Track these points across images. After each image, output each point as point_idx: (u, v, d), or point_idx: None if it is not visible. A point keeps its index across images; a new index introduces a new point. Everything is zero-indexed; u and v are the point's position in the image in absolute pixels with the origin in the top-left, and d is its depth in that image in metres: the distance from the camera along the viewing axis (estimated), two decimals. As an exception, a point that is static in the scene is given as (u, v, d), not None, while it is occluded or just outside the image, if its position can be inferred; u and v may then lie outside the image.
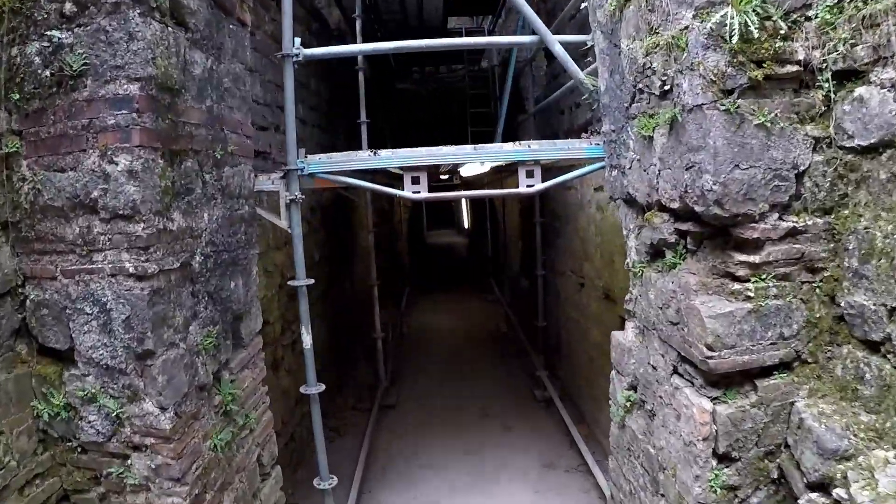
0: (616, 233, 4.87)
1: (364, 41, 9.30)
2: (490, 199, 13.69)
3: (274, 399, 5.45)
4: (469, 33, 10.46)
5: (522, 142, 3.35)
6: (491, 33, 10.48)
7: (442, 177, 11.15)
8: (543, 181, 3.46)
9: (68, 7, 2.10)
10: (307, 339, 3.41)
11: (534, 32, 3.50)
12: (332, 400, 7.61)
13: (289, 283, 3.42)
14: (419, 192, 3.34)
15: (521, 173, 3.39)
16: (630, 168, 2.64)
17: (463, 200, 29.86)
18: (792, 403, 2.02)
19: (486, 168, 4.78)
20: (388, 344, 9.15)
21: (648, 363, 2.69)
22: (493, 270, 13.85)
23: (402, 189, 3.36)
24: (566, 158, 3.42)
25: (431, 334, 10.70)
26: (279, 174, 3.34)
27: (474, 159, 3.33)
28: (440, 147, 3.31)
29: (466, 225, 29.77)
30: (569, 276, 6.76)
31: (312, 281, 3.43)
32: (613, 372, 3.26)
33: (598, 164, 3.39)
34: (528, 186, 3.42)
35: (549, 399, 7.05)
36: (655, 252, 2.53)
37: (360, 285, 10.79)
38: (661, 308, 2.44)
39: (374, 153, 3.29)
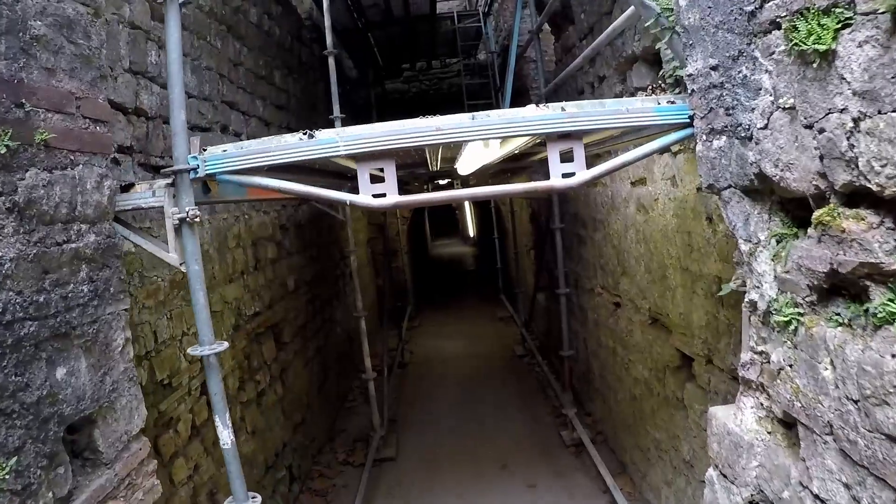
0: (669, 240, 3.63)
1: (340, 32, 8.18)
2: (495, 203, 12.48)
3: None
4: (462, 18, 9.30)
5: (552, 104, 2.12)
6: (486, 16, 9.31)
7: (440, 181, 9.96)
8: (588, 167, 2.21)
9: None
10: (224, 436, 2.17)
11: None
12: (320, 453, 6.38)
13: (189, 351, 2.18)
14: (383, 197, 2.10)
15: (553, 156, 2.15)
16: (766, 128, 1.41)
17: (467, 206, 28.69)
18: None
19: (492, 156, 3.54)
20: (387, 379, 7.92)
21: (804, 486, 1.46)
22: (504, 284, 12.60)
23: (359, 191, 2.13)
24: (622, 126, 2.18)
25: (437, 363, 9.45)
26: (164, 181, 2.12)
27: (473, 136, 2.10)
28: (414, 120, 2.08)
29: (472, 233, 28.55)
30: (599, 293, 5.52)
31: (225, 346, 2.19)
32: (713, 472, 2.02)
33: (678, 134, 2.16)
34: (565, 176, 2.17)
35: (580, 442, 5.80)
36: (836, 289, 1.30)
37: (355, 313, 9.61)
38: (859, 401, 1.21)
39: (309, 135, 2.07)
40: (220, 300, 4.27)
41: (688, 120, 2.11)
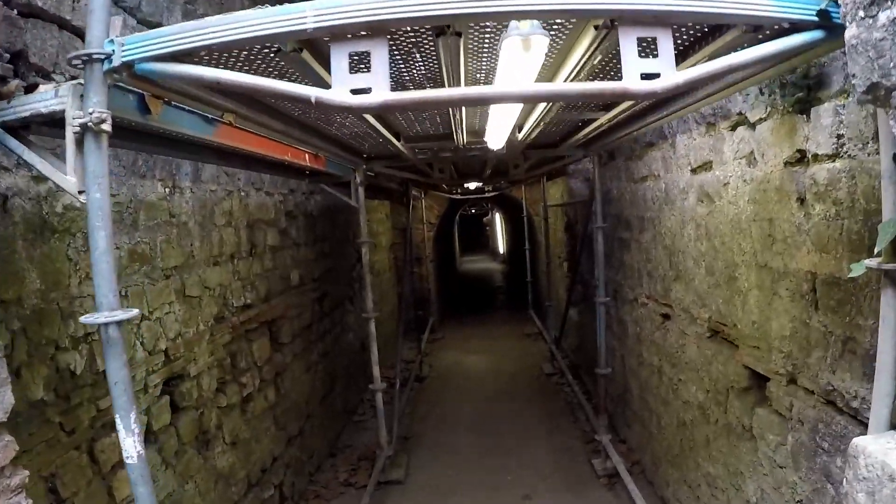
0: (742, 232, 2.94)
1: None
2: (528, 213, 11.80)
3: (205, 491, 3.65)
4: None
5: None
6: None
7: (469, 186, 9.35)
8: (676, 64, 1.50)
9: None
10: (128, 445, 1.55)
11: None
12: (319, 471, 5.74)
13: (82, 320, 1.57)
14: (366, 93, 1.41)
15: (628, 48, 1.45)
16: None
17: (497, 221, 27.99)
18: None
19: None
20: (400, 393, 7.26)
21: None
22: (534, 299, 11.86)
23: (332, 84, 1.48)
24: (723, 13, 1.49)
25: (458, 379, 8.75)
26: (74, 82, 1.55)
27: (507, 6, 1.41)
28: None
29: (502, 249, 27.85)
30: (644, 304, 4.80)
31: (134, 313, 1.58)
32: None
33: (805, 36, 1.48)
34: (645, 78, 1.47)
35: (614, 473, 5.04)
36: None
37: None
38: None
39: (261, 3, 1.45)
40: (199, 283, 3.71)
41: (815, 18, 1.45)
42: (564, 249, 9.24)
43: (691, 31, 1.89)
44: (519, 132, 3.68)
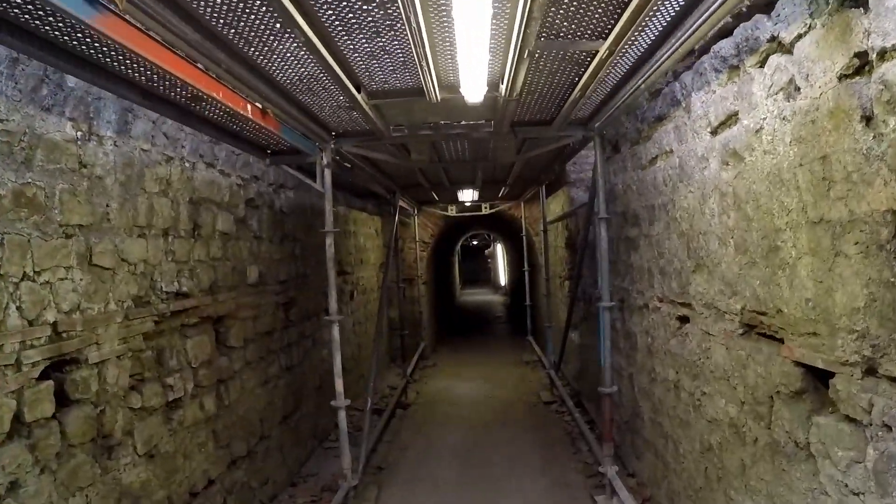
0: (784, 185, 2.33)
1: None
2: (528, 236, 11.15)
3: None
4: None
5: None
6: None
7: (463, 196, 8.74)
8: None
9: None
10: None
11: None
12: (274, 501, 4.94)
13: None
14: None
15: None
16: None
17: (499, 253, 27.36)
18: None
19: None
20: (375, 418, 6.47)
21: None
22: (533, 324, 11.09)
23: None
24: None
25: (446, 406, 7.94)
26: None
27: None
28: None
29: (503, 282, 27.14)
30: (656, 308, 4.08)
31: None
32: None
33: None
34: None
35: (621, 515, 4.23)
36: None
37: (356, 329, 8.26)
38: None
39: None
40: (114, 253, 3.05)
41: None
42: (565, 268, 8.55)
43: None
44: (502, 84, 3.05)
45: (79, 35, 2.19)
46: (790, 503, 2.34)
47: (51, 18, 2.05)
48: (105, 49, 2.34)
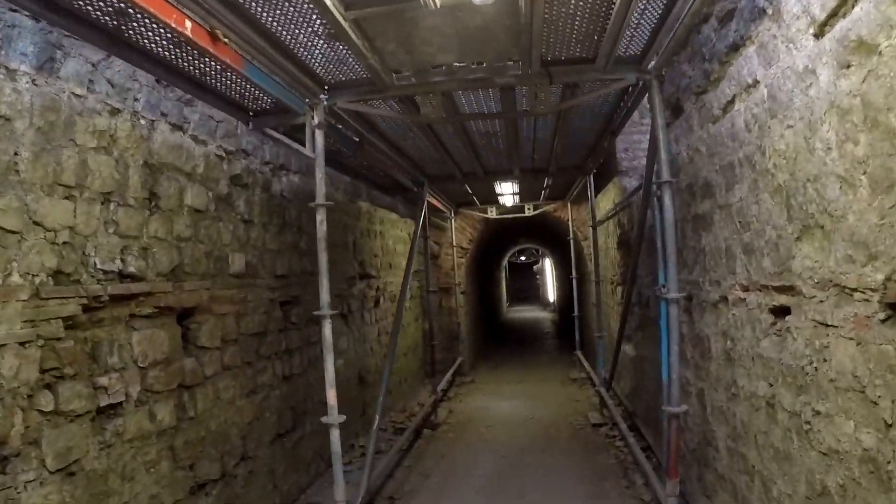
0: None
1: None
2: (576, 241, 10.15)
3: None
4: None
5: None
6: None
7: (501, 190, 7.91)
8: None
9: None
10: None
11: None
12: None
13: None
14: None
15: None
16: None
17: (548, 269, 26.19)
18: None
19: None
20: (387, 440, 5.63)
21: None
22: (581, 337, 10.02)
23: None
24: None
25: (480, 427, 7.00)
26: None
27: None
28: None
29: (552, 298, 25.95)
30: (737, 301, 3.10)
31: None
32: None
33: None
34: None
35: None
36: None
37: (382, 339, 7.40)
38: None
39: None
40: (21, 213, 2.36)
41: None
42: (617, 271, 7.53)
43: None
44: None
45: None
46: None
47: None
48: None
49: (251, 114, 3.67)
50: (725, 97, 3.10)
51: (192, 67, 2.98)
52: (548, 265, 26.85)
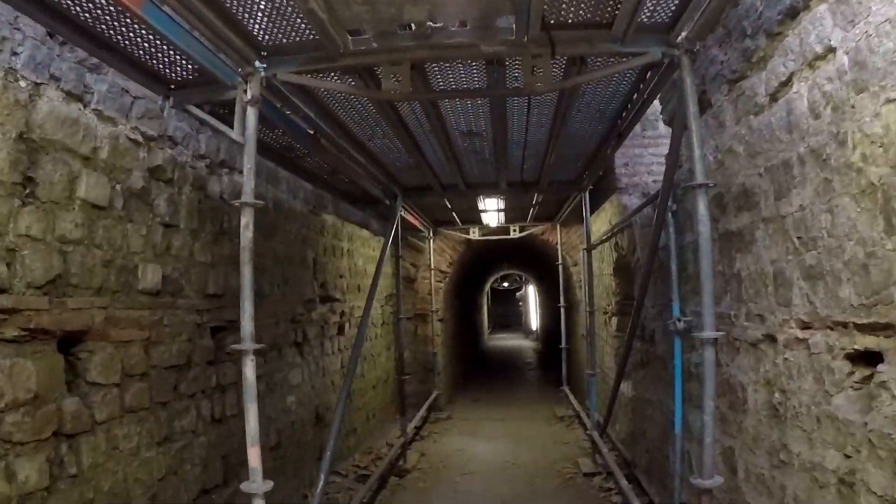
0: None
1: None
2: (564, 267, 9.48)
3: None
4: None
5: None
6: None
7: (485, 206, 7.25)
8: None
9: None
10: None
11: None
12: None
13: None
14: None
15: None
16: None
17: (531, 296, 25.52)
18: None
19: None
20: (358, 489, 4.80)
21: None
22: (569, 372, 9.28)
23: None
24: None
25: (456, 474, 6.18)
26: None
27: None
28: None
29: (535, 326, 25.25)
30: (793, 342, 2.39)
31: None
32: None
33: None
34: None
35: None
36: None
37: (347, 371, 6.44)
38: None
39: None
40: None
41: None
42: (612, 300, 6.85)
43: None
44: None
45: None
46: None
47: None
48: None
49: (171, 87, 2.93)
50: (777, 78, 2.44)
51: (93, 20, 2.26)
52: (531, 292, 26.21)
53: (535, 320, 25.54)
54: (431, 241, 9.41)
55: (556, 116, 3.69)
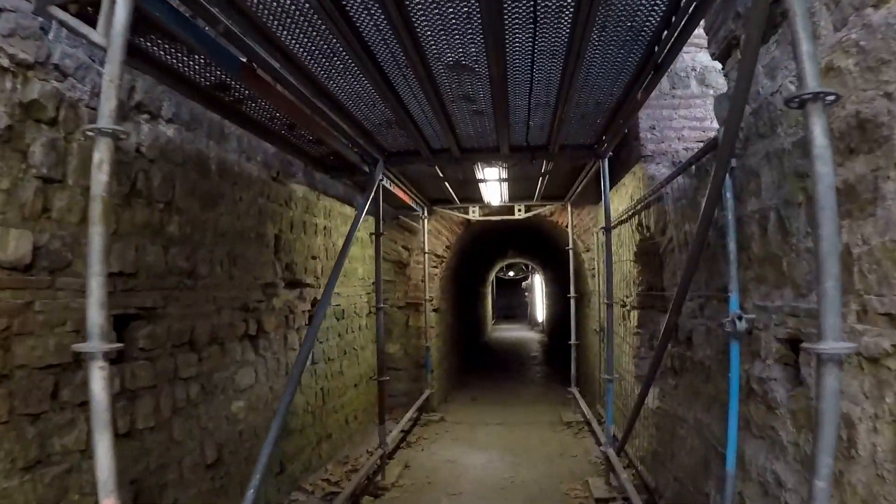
0: None
1: None
2: (575, 255, 8.57)
3: None
4: None
5: None
6: None
7: (484, 176, 6.38)
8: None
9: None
10: None
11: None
12: None
13: None
14: None
15: None
16: None
17: (538, 286, 24.64)
18: None
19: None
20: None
21: None
22: (579, 371, 8.41)
23: None
24: None
25: (442, 494, 5.32)
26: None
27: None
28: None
29: (541, 317, 24.41)
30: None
31: None
32: None
33: None
34: None
35: None
36: None
37: (322, 368, 5.54)
38: None
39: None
40: None
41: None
42: (633, 291, 5.96)
43: None
44: None
45: None
46: None
47: None
48: None
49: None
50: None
51: None
52: (537, 282, 25.33)
53: (541, 311, 24.67)
54: (426, 221, 8.52)
55: (572, 38, 2.78)
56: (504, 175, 5.92)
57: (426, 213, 8.49)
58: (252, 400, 4.44)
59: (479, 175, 6.00)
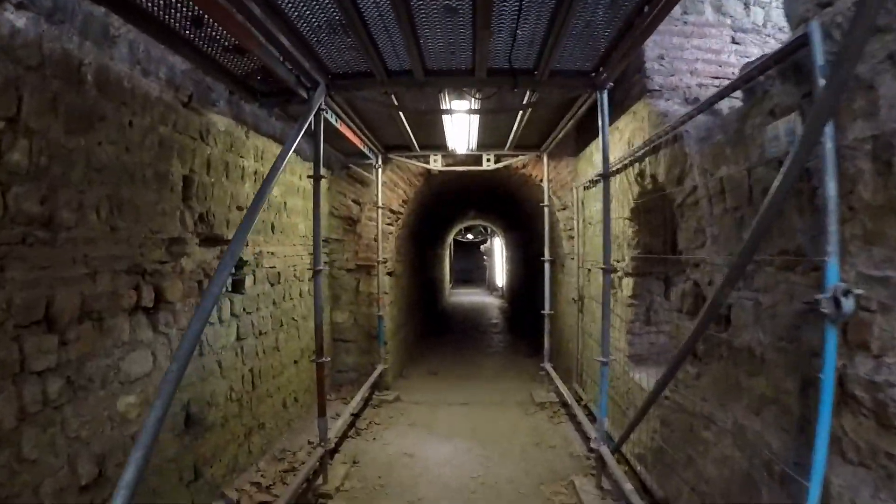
0: None
1: None
2: (551, 201, 7.72)
3: None
4: None
5: None
6: None
7: (452, 107, 5.41)
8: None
9: None
10: None
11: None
12: None
13: None
14: None
15: None
16: None
17: (498, 249, 23.96)
18: None
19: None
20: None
21: None
22: (552, 346, 7.67)
23: None
24: None
25: (397, 500, 4.50)
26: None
27: None
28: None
29: (500, 283, 23.82)
30: None
31: None
32: None
33: None
34: None
35: None
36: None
37: (253, 344, 4.58)
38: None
39: None
40: None
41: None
42: (627, 253, 5.18)
43: None
44: None
45: None
46: None
47: None
48: None
49: None
50: None
51: None
52: (497, 245, 24.64)
53: (500, 276, 24.06)
54: (380, 171, 7.52)
55: None
56: (476, 106, 4.96)
57: (380, 162, 7.48)
58: (149, 392, 3.45)
59: (443, 105, 5.01)
